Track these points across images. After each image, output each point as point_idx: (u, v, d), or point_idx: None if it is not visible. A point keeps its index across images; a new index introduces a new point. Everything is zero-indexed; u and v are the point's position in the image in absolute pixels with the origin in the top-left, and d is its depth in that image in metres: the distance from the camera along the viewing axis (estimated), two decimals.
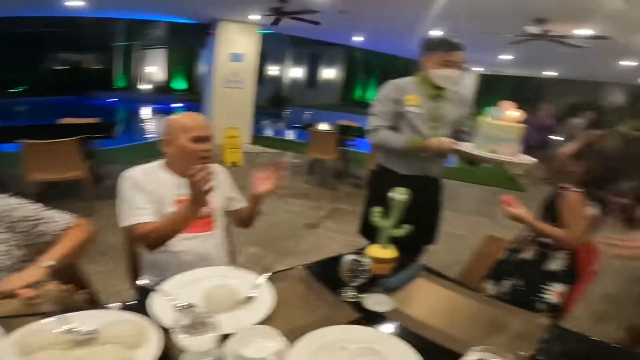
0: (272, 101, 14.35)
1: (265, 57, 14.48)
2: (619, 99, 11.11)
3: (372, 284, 1.08)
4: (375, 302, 1.02)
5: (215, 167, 1.31)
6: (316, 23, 5.35)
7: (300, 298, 1.03)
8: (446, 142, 1.54)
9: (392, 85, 1.70)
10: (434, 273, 1.22)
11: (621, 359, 0.93)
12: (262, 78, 14.84)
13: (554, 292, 1.12)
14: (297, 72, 16.82)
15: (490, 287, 1.27)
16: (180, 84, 15.05)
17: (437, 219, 1.86)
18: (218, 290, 0.94)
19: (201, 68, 7.88)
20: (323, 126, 5.26)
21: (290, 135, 8.25)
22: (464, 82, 12.40)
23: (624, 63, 6.24)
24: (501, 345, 0.87)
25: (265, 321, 0.87)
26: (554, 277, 1.13)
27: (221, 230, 1.34)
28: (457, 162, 1.77)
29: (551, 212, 1.13)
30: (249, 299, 0.94)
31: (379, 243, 1.17)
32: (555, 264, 1.13)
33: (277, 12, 5.05)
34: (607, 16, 3.59)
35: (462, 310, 1.03)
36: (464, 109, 1.76)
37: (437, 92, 1.67)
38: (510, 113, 1.34)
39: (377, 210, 1.15)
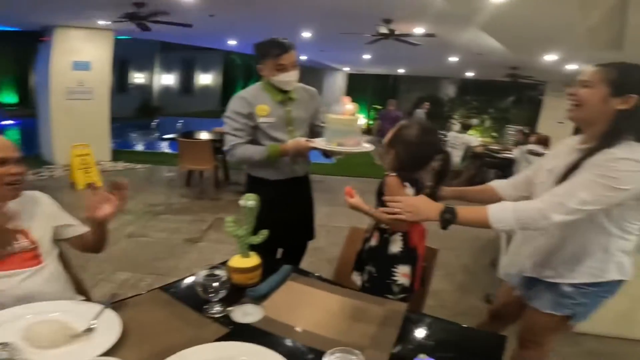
0: (140, 111, 13.02)
1: (129, 64, 12.99)
2: (451, 91, 13.66)
3: (241, 294, 1.05)
4: (243, 313, 0.98)
5: (35, 194, 1.20)
6: (187, 25, 4.98)
7: (158, 322, 0.95)
8: (301, 142, 1.58)
9: (239, 100, 1.65)
10: (303, 273, 1.22)
11: (469, 339, 1.01)
12: (126, 87, 13.26)
13: (401, 274, 1.19)
14: (168, 79, 15.50)
15: (357, 278, 1.33)
16: (8, 98, 12.12)
17: (312, 214, 1.92)
18: (43, 325, 0.86)
19: (36, 79, 6.45)
20: (203, 134, 4.94)
21: (164, 147, 7.48)
22: (337, 81, 13.47)
23: (451, 59, 7.65)
24: (366, 338, 0.91)
25: (113, 352, 0.80)
26: (398, 259, 1.20)
27: (54, 262, 1.18)
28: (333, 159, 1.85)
29: (381, 197, 1.21)
30: (89, 330, 0.87)
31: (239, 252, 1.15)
32: (395, 246, 1.20)
33: (131, 17, 4.47)
34: (435, 16, 4.29)
35: (330, 308, 1.04)
36: (315, 104, 1.80)
37: (284, 96, 1.67)
38: (347, 107, 1.43)
39: (229, 220, 1.13)
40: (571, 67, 6.27)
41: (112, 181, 1.10)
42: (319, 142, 1.52)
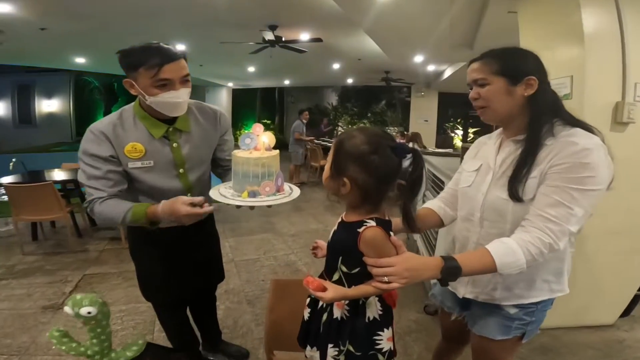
0: None
1: None
2: (333, 99, 14.42)
3: None
4: None
5: None
6: None
7: None
8: (178, 207, 1.05)
9: (95, 136, 1.13)
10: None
11: None
12: None
13: (385, 339, 0.92)
14: None
15: (314, 355, 0.97)
16: None
17: (219, 252, 1.62)
18: None
19: None
20: (56, 173, 3.84)
21: None
22: (220, 97, 12.71)
23: (335, 66, 7.91)
24: None
25: None
26: (378, 324, 0.92)
27: None
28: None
29: (352, 258, 0.86)
30: None
31: None
32: (372, 310, 0.91)
33: None
34: (322, 19, 4.21)
35: None
36: (220, 129, 1.34)
37: (168, 126, 1.19)
38: (262, 140, 1.06)
39: (55, 333, 0.74)
40: (431, 67, 7.16)
41: None
42: (221, 196, 1.05)
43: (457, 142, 12.23)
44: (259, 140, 1.05)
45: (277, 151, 1.08)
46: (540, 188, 0.87)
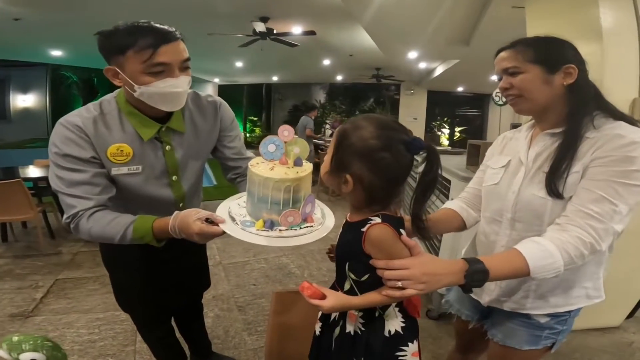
0: None
1: None
2: (321, 97, 14.28)
3: None
4: None
5: None
6: None
7: None
8: (195, 226, 0.83)
9: (70, 132, 0.92)
10: None
11: None
12: None
13: (411, 355, 0.81)
14: None
15: None
16: None
17: (204, 260, 1.50)
18: None
19: None
20: (31, 170, 3.67)
21: None
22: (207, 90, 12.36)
23: (325, 62, 7.78)
24: None
25: None
26: (402, 338, 0.80)
27: None
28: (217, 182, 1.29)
29: (360, 263, 0.75)
30: None
31: None
32: (394, 323, 0.81)
33: None
34: (317, 12, 4.07)
35: None
36: (219, 125, 1.13)
37: (160, 125, 1.00)
38: (293, 148, 0.80)
39: None
40: (422, 64, 7.11)
41: None
42: (230, 225, 0.82)
43: (444, 141, 12.34)
44: (287, 150, 0.80)
45: (310, 167, 0.83)
46: (580, 182, 0.80)
